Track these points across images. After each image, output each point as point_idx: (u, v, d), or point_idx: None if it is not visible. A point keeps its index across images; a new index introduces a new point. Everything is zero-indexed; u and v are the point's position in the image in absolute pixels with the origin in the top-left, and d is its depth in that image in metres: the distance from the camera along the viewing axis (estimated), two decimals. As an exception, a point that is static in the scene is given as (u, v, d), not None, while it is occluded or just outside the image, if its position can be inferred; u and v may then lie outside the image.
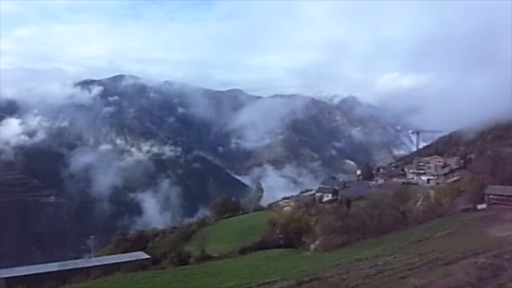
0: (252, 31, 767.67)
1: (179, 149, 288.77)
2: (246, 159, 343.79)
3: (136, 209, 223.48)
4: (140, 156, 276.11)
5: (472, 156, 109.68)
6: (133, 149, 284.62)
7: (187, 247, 62.01)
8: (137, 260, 50.03)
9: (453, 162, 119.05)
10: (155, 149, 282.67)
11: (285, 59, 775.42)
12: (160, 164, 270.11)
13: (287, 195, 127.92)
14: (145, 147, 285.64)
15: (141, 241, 77.41)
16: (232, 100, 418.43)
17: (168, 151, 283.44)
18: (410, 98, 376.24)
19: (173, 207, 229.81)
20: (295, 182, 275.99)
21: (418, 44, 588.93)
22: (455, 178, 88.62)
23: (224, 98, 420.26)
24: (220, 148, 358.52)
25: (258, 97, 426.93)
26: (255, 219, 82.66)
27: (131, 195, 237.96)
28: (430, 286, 21.70)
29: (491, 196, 55.00)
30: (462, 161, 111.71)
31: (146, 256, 53.78)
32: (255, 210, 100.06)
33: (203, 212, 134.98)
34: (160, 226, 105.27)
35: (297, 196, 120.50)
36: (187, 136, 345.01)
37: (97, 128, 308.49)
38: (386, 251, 37.01)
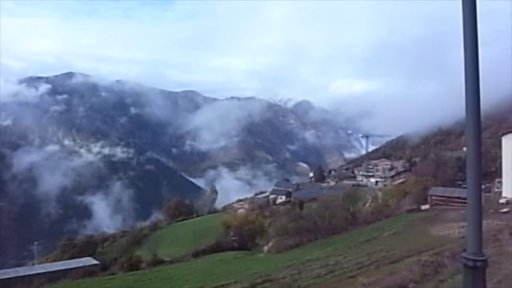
0: (210, 32, 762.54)
1: (131, 150, 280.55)
2: (200, 161, 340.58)
3: (85, 213, 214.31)
4: (89, 157, 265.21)
5: (417, 159, 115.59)
6: (82, 150, 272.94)
7: (139, 252, 60.44)
8: (85, 266, 48.06)
9: (399, 165, 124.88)
10: (106, 150, 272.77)
11: (243, 62, 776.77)
12: (111, 166, 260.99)
13: (241, 197, 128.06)
14: (95, 148, 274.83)
15: (90, 246, 74.55)
16: (188, 101, 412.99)
17: (119, 152, 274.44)
18: (361, 103, 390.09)
19: (125, 210, 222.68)
20: (249, 184, 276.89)
21: (371, 50, 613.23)
22: (401, 180, 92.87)
23: (180, 99, 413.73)
24: (174, 150, 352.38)
25: (214, 99, 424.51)
26: (209, 221, 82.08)
27: (80, 198, 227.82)
28: (377, 284, 22.61)
29: (433, 197, 58.31)
30: (407, 164, 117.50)
31: (95, 261, 51.82)
32: (209, 213, 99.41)
33: (156, 215, 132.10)
34: (110, 230, 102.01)
35: (251, 198, 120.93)
36: (140, 137, 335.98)
37: (43, 127, 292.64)
38: (336, 251, 38.10)
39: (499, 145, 56.48)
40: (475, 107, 3.09)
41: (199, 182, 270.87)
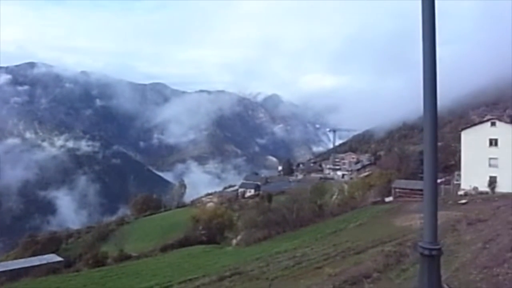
0: (182, 24, 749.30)
1: (97, 144, 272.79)
2: (169, 155, 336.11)
3: (49, 208, 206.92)
4: (53, 151, 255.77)
5: (382, 153, 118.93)
6: (45, 143, 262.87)
7: (105, 248, 59.23)
8: (48, 263, 46.64)
9: (365, 158, 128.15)
10: (70, 144, 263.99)
11: (215, 55, 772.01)
12: (75, 160, 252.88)
13: (210, 191, 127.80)
14: (59, 141, 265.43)
15: (53, 242, 72.20)
16: (156, 94, 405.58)
17: (84, 145, 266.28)
18: (330, 98, 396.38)
19: (91, 205, 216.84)
20: (219, 178, 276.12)
21: (341, 46, 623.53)
22: (367, 173, 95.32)
23: (148, 91, 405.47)
24: (142, 144, 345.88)
25: (184, 92, 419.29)
26: (177, 216, 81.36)
27: (43, 193, 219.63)
28: (342, 274, 23.19)
29: (397, 190, 60.24)
30: (373, 158, 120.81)
31: (59, 258, 50.38)
32: (177, 207, 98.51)
33: (123, 210, 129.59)
34: (75, 226, 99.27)
35: (220, 192, 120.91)
36: (106, 130, 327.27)
37: (3, 119, 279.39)
38: (304, 243, 38.75)
39: (459, 139, 58.95)
40: (432, 103, 3.23)
41: (167, 176, 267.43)
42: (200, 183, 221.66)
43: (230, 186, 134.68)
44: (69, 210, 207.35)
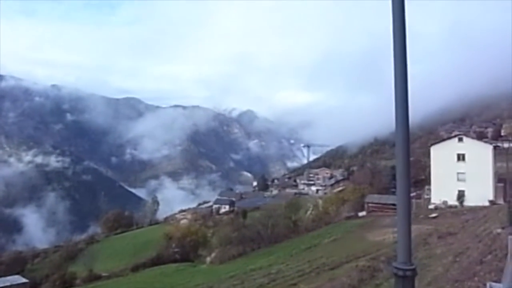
0: (157, 39, 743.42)
1: (67, 159, 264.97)
2: (141, 170, 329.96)
3: (14, 227, 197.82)
4: (20, 166, 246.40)
5: (355, 168, 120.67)
6: (12, 159, 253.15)
7: (73, 268, 57.03)
8: (12, 285, 44.22)
9: (338, 173, 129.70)
10: (39, 159, 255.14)
11: (191, 70, 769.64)
12: (44, 176, 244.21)
13: (184, 207, 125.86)
14: (27, 156, 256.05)
15: (18, 263, 68.82)
16: (130, 108, 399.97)
17: (54, 161, 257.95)
18: (304, 114, 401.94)
19: (59, 223, 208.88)
20: (193, 194, 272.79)
21: (316, 63, 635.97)
22: (340, 188, 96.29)
23: (121, 106, 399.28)
24: (114, 159, 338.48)
25: (158, 107, 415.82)
26: (150, 233, 79.51)
27: (8, 210, 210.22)
28: (317, 291, 23.08)
29: (370, 204, 61.09)
30: (346, 173, 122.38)
31: (23, 280, 47.83)
32: (150, 224, 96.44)
33: (94, 228, 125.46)
34: (43, 245, 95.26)
35: (194, 208, 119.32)
36: (76, 146, 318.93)
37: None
38: (279, 259, 38.50)
39: (428, 154, 60.65)
40: (404, 119, 3.22)
41: (140, 192, 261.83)
42: (174, 199, 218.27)
43: (205, 202, 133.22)
44: (36, 228, 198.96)
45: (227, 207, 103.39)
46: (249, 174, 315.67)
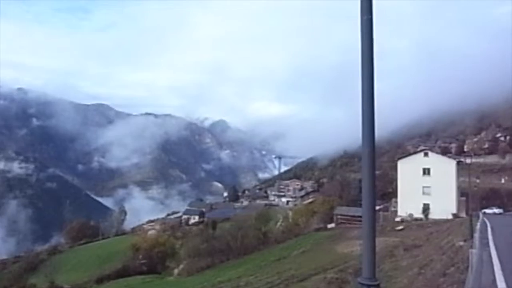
0: (130, 45, 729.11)
1: (31, 166, 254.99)
2: (109, 179, 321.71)
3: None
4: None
5: (325, 180, 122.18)
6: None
7: (33, 279, 54.49)
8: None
9: (309, 185, 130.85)
10: (0, 165, 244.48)
11: (163, 78, 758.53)
12: (6, 183, 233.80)
13: (153, 218, 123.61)
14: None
15: (-27, 275, 65.16)
16: (99, 115, 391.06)
17: (17, 167, 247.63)
18: (276, 125, 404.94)
19: (20, 232, 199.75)
20: (162, 204, 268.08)
21: (290, 75, 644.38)
22: (310, 200, 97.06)
23: (90, 112, 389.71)
24: (81, 167, 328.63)
25: (129, 114, 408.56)
26: (116, 244, 77.30)
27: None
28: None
29: (338, 216, 61.88)
30: (316, 185, 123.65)
31: (-22, 293, 45.45)
32: (116, 235, 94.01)
33: (57, 238, 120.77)
34: (1, 256, 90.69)
35: (163, 218, 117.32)
36: (41, 152, 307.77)
37: None
38: (248, 271, 38.20)
39: (395, 168, 62.25)
40: (370, 134, 3.25)
41: (107, 201, 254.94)
42: (142, 209, 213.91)
43: (174, 213, 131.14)
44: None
45: (196, 217, 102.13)
46: (220, 185, 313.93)
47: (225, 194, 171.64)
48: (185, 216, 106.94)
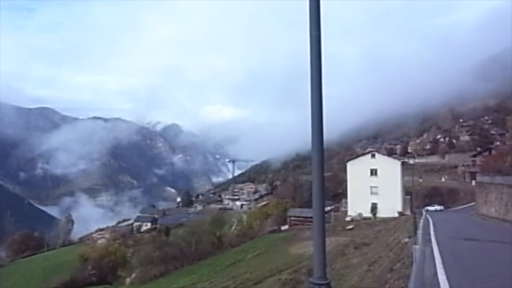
0: (79, 47, 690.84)
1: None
2: (54, 187, 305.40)
3: None
4: None
5: (278, 183, 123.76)
6: None
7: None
8: None
9: (262, 188, 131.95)
10: None
11: (114, 81, 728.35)
12: None
13: (102, 226, 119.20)
14: None
15: None
16: (43, 119, 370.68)
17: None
18: (230, 129, 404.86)
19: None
20: (112, 211, 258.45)
21: (243, 79, 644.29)
22: (264, 202, 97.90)
23: (33, 116, 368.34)
24: (23, 174, 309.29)
25: (76, 118, 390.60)
26: (63, 255, 73.60)
27: None
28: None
29: (292, 218, 62.98)
30: (270, 187, 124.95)
31: None
32: (63, 246, 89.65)
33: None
34: None
35: (113, 226, 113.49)
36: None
37: None
38: (202, 277, 37.84)
39: (345, 169, 64.38)
40: (319, 138, 3.39)
41: (52, 211, 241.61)
42: (91, 217, 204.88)
43: (125, 220, 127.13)
44: None
45: (148, 224, 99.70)
46: (172, 190, 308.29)
47: (178, 199, 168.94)
48: (136, 223, 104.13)
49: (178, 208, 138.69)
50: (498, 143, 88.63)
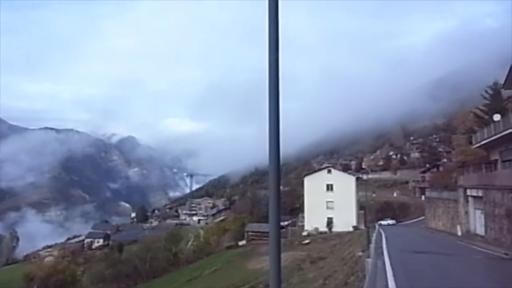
0: (27, 53, 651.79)
1: None
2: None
3: None
4: None
5: (236, 197, 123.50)
6: None
7: None
8: None
9: (220, 203, 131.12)
10: None
11: (68, 90, 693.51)
12: None
13: (50, 243, 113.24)
14: None
15: None
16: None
17: None
18: (188, 142, 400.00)
19: None
20: (62, 227, 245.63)
21: (202, 92, 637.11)
22: (222, 218, 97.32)
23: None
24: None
25: (25, 129, 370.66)
26: (5, 275, 69.02)
27: None
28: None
29: (250, 233, 62.81)
30: (228, 202, 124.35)
31: None
32: (7, 264, 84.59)
33: None
34: None
35: (62, 243, 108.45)
36: None
37: None
38: (157, 294, 36.73)
39: (302, 184, 65.36)
40: (276, 154, 3.45)
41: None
42: (38, 234, 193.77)
43: (75, 237, 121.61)
44: None
45: (101, 241, 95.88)
46: (127, 205, 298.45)
47: (133, 214, 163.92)
48: (88, 240, 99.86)
49: (132, 224, 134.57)
50: (445, 160, 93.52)
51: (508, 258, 18.96)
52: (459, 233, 34.26)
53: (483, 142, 32.41)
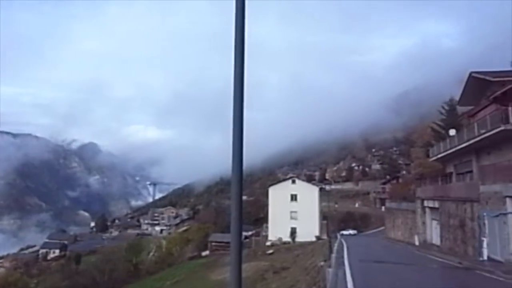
0: None
1: None
2: None
3: None
4: None
5: (200, 207, 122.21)
6: None
7: None
8: None
9: (184, 212, 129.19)
10: None
11: (26, 93, 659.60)
12: None
13: (2, 253, 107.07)
14: None
15: None
16: None
17: None
18: (152, 150, 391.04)
19: None
20: (15, 237, 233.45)
21: (168, 100, 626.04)
22: (185, 227, 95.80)
23: None
24: None
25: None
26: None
27: None
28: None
29: (213, 243, 62.16)
30: (192, 212, 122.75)
31: None
32: (-49, 276, 78.33)
33: None
34: None
35: (15, 254, 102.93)
36: None
37: None
38: (115, 307, 35.50)
39: (267, 194, 65.57)
40: (238, 162, 3.47)
41: None
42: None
43: (29, 247, 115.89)
44: None
45: (57, 251, 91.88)
46: (86, 214, 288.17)
47: (92, 224, 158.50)
48: (43, 250, 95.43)
49: (91, 234, 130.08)
50: (404, 172, 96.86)
51: (462, 267, 19.78)
52: (417, 243, 35.43)
53: (439, 156, 33.84)
